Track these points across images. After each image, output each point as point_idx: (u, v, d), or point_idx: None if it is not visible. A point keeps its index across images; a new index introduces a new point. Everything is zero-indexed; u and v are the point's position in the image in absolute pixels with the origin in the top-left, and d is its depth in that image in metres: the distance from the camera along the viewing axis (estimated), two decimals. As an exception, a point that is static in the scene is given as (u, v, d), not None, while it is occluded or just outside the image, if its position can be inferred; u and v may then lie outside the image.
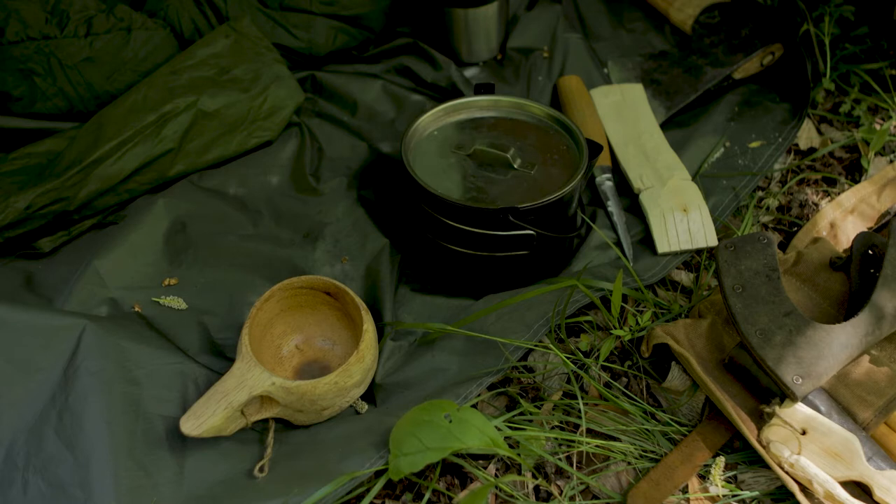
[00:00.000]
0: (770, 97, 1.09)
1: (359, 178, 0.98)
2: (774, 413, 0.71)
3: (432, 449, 0.68)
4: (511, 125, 0.91)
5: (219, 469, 0.70)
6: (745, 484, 0.72)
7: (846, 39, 1.14)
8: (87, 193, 0.87)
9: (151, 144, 0.91)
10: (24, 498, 0.66)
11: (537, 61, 1.13)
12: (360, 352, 0.73)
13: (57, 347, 0.71)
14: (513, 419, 0.75)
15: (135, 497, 0.66)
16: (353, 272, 0.88)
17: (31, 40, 0.92)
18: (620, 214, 0.94)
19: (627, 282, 0.86)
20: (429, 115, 0.90)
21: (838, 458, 0.69)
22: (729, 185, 0.97)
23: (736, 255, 0.77)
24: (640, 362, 0.81)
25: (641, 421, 0.75)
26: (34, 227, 0.86)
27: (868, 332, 0.73)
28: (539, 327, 0.80)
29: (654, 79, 1.11)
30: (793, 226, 0.96)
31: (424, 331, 0.82)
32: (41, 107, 0.95)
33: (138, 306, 0.82)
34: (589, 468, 0.73)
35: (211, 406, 0.68)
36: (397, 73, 1.10)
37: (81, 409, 0.68)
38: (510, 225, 0.80)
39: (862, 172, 1.01)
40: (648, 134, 1.02)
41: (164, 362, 0.74)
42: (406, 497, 0.72)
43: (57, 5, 0.92)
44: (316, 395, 0.71)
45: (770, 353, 0.71)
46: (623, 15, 1.21)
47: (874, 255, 0.79)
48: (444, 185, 0.83)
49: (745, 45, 1.11)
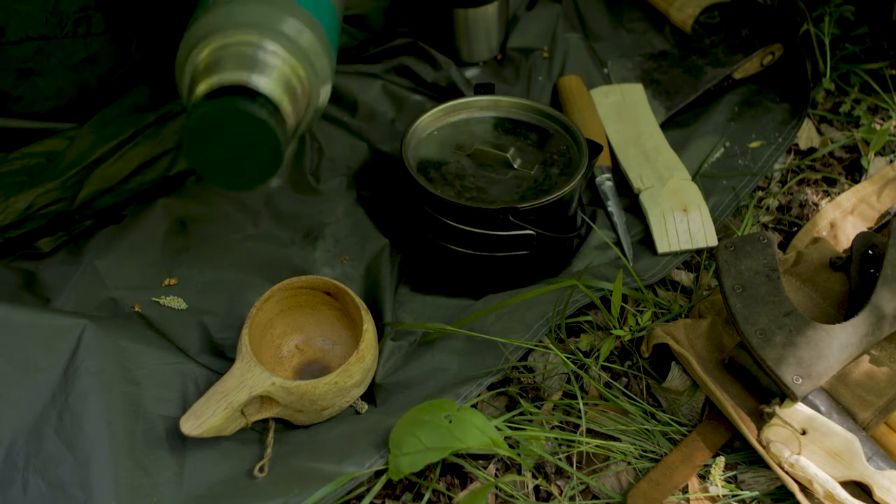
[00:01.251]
0: (770, 97, 1.09)
1: (359, 178, 0.98)
2: (774, 413, 0.71)
3: (432, 449, 0.68)
4: (511, 125, 0.91)
5: (219, 469, 0.70)
6: (745, 484, 0.72)
7: (846, 39, 1.14)
8: (87, 193, 0.87)
9: (151, 144, 0.91)
10: (24, 498, 0.66)
11: (537, 61, 1.13)
12: (360, 352, 0.73)
13: (57, 347, 0.71)
14: (513, 419, 0.75)
15: (135, 497, 0.66)
16: (353, 272, 0.88)
17: (31, 40, 0.92)
18: (620, 214, 0.94)
19: (627, 282, 0.86)
20: (429, 115, 0.90)
21: (838, 458, 0.69)
22: (729, 185, 0.97)
23: (736, 255, 0.77)
24: (640, 362, 0.81)
25: (641, 421, 0.75)
26: (34, 227, 0.86)
27: (868, 332, 0.73)
28: (539, 327, 0.80)
29: (654, 79, 1.11)
30: (793, 226, 0.96)
31: (424, 331, 0.82)
32: (41, 107, 0.95)
33: (138, 306, 0.82)
34: (589, 468, 0.73)
35: (211, 406, 0.68)
36: (397, 73, 1.10)
37: (81, 409, 0.68)
38: (510, 225, 0.80)
39: (862, 172, 1.01)
40: (648, 134, 1.02)
41: (164, 362, 0.74)
42: (406, 497, 0.72)
43: (57, 5, 0.92)
44: (316, 395, 0.71)
45: (770, 353, 0.71)
46: (623, 15, 1.21)
47: (874, 255, 0.79)
48: (443, 185, 0.83)
49: (745, 45, 1.11)
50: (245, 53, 0.62)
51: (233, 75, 0.60)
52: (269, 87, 0.61)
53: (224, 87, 0.60)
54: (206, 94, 0.60)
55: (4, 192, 0.85)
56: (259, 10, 0.65)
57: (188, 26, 0.68)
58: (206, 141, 0.60)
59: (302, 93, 0.65)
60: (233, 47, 0.62)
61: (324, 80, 0.71)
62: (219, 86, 0.60)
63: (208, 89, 0.60)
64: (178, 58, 0.66)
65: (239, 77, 0.60)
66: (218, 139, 0.60)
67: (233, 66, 0.61)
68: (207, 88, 0.60)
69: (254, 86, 0.60)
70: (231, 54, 0.62)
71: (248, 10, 0.64)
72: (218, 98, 0.58)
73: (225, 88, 0.60)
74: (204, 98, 0.60)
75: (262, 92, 0.60)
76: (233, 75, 0.60)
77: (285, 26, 0.65)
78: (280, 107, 0.62)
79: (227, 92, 0.59)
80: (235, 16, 0.64)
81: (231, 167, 0.62)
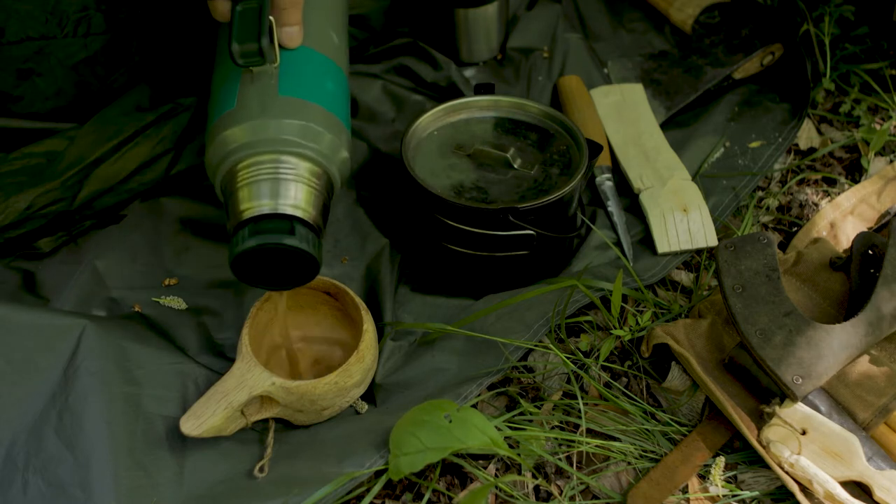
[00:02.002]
0: (770, 97, 1.09)
1: (359, 178, 0.98)
2: (774, 413, 0.71)
3: (432, 449, 0.68)
4: (511, 125, 0.91)
5: (219, 469, 0.70)
6: (745, 484, 0.72)
7: (846, 39, 1.14)
8: (87, 193, 0.87)
9: (151, 144, 0.91)
10: (24, 498, 0.66)
11: (537, 61, 1.13)
12: (360, 352, 0.73)
13: (57, 347, 0.71)
14: (513, 419, 0.75)
15: (135, 497, 0.66)
16: (353, 272, 0.88)
17: (31, 40, 0.92)
18: (620, 214, 0.94)
19: (627, 282, 0.86)
20: (429, 115, 0.90)
21: (838, 458, 0.69)
22: (729, 185, 0.97)
23: (736, 255, 0.77)
24: (640, 362, 0.81)
25: (641, 421, 0.75)
26: (34, 227, 0.86)
27: (868, 332, 0.73)
28: (539, 327, 0.80)
29: (654, 79, 1.11)
30: (793, 226, 0.96)
31: (424, 331, 0.82)
32: (41, 107, 0.95)
33: (138, 306, 0.82)
34: (589, 468, 0.73)
35: (211, 406, 0.68)
36: (397, 73, 1.10)
37: (81, 409, 0.68)
38: (510, 225, 0.80)
39: (862, 172, 1.01)
40: (648, 134, 1.02)
41: (164, 362, 0.74)
42: (406, 497, 0.72)
43: (57, 5, 0.92)
44: (316, 396, 0.71)
45: (770, 353, 0.71)
46: (623, 15, 1.21)
47: (874, 255, 0.79)
48: (443, 185, 0.83)
49: (745, 45, 1.11)
50: (275, 175, 0.70)
51: (268, 204, 0.68)
52: (302, 208, 0.69)
53: (262, 215, 0.68)
54: (246, 220, 0.68)
55: (4, 192, 0.85)
56: (284, 126, 0.71)
57: (211, 123, 0.75)
58: (250, 262, 0.68)
59: (324, 187, 0.73)
60: (263, 167, 0.70)
61: (341, 161, 0.77)
62: (257, 213, 0.68)
63: (249, 215, 0.68)
64: (206, 161, 0.75)
65: (274, 205, 0.68)
66: (261, 260, 0.68)
67: (267, 194, 0.69)
68: (248, 214, 0.68)
69: (290, 213, 0.68)
70: (262, 176, 0.70)
71: (271, 125, 0.71)
72: (261, 234, 0.66)
73: (264, 215, 0.68)
74: (247, 227, 0.67)
75: (297, 217, 0.68)
76: (268, 204, 0.68)
77: (316, 140, 0.72)
78: (314, 222, 0.70)
79: (266, 218, 0.68)
80: (259, 131, 0.71)
81: (274, 277, 0.70)
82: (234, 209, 0.69)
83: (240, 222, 0.68)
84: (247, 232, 0.67)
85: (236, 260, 0.67)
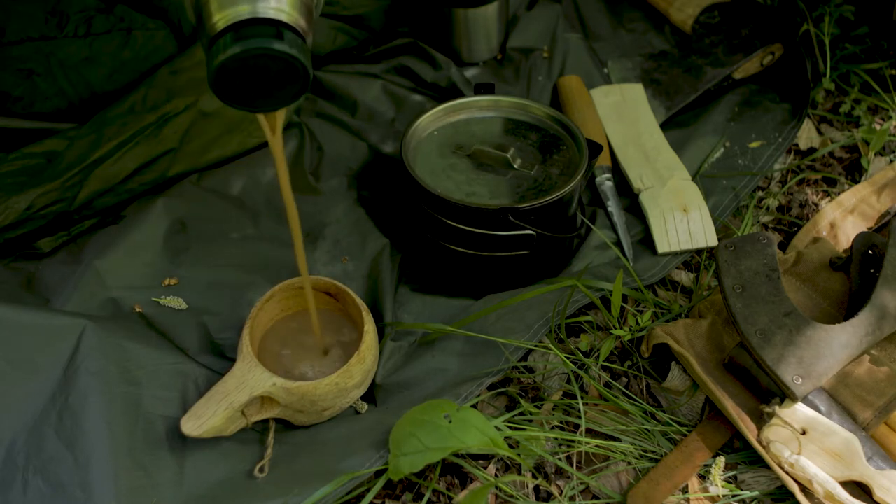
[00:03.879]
0: (770, 97, 1.09)
1: (359, 178, 0.98)
2: (774, 413, 0.71)
3: (432, 449, 0.68)
4: (511, 125, 0.91)
5: (219, 469, 0.70)
6: (745, 484, 0.72)
7: (846, 39, 1.14)
8: (87, 193, 0.87)
9: (151, 144, 0.91)
10: (24, 498, 0.66)
11: (537, 61, 1.13)
12: (360, 353, 0.73)
13: (57, 347, 0.71)
14: (513, 419, 0.75)
15: (135, 497, 0.66)
16: (354, 272, 0.88)
17: (31, 40, 0.92)
18: (620, 214, 0.94)
19: (627, 282, 0.86)
20: (429, 115, 0.90)
21: (838, 458, 0.69)
22: (729, 185, 0.97)
23: (736, 255, 0.77)
24: (640, 362, 0.81)
25: (641, 421, 0.76)
26: (34, 227, 0.86)
27: (868, 332, 0.73)
28: (539, 327, 0.80)
29: (654, 79, 1.11)
30: (793, 226, 0.96)
31: (424, 331, 0.82)
32: (41, 107, 0.95)
33: (138, 306, 0.82)
34: (589, 468, 0.73)
35: (211, 406, 0.68)
36: (397, 73, 1.10)
37: (81, 409, 0.68)
38: (510, 225, 0.80)
39: (862, 172, 1.01)
40: (648, 134, 1.02)
41: (164, 362, 0.74)
42: (406, 497, 0.72)
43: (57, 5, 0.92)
44: (316, 396, 0.71)
45: (770, 353, 0.71)
46: (623, 15, 1.21)
47: (874, 255, 0.79)
48: (444, 185, 0.83)
49: (745, 45, 1.11)
50: None
51: (247, 8, 0.59)
52: (286, 11, 0.60)
53: (243, 20, 0.59)
54: (225, 28, 0.58)
55: (4, 192, 0.85)
56: None
57: None
58: (233, 76, 0.59)
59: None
60: None
61: None
62: (236, 20, 0.58)
63: (227, 23, 0.59)
64: None
65: (254, 9, 0.59)
66: (245, 73, 0.59)
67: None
68: (226, 22, 0.59)
69: (273, 17, 0.59)
70: None
71: None
72: (244, 39, 0.58)
73: (245, 21, 0.59)
74: (227, 35, 0.58)
75: (282, 21, 0.59)
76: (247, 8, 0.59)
77: None
78: (300, 28, 0.61)
79: (248, 24, 0.58)
80: None
81: (260, 94, 0.62)
82: (210, 21, 0.60)
83: (218, 32, 0.59)
84: (228, 39, 0.58)
85: (217, 72, 0.58)
